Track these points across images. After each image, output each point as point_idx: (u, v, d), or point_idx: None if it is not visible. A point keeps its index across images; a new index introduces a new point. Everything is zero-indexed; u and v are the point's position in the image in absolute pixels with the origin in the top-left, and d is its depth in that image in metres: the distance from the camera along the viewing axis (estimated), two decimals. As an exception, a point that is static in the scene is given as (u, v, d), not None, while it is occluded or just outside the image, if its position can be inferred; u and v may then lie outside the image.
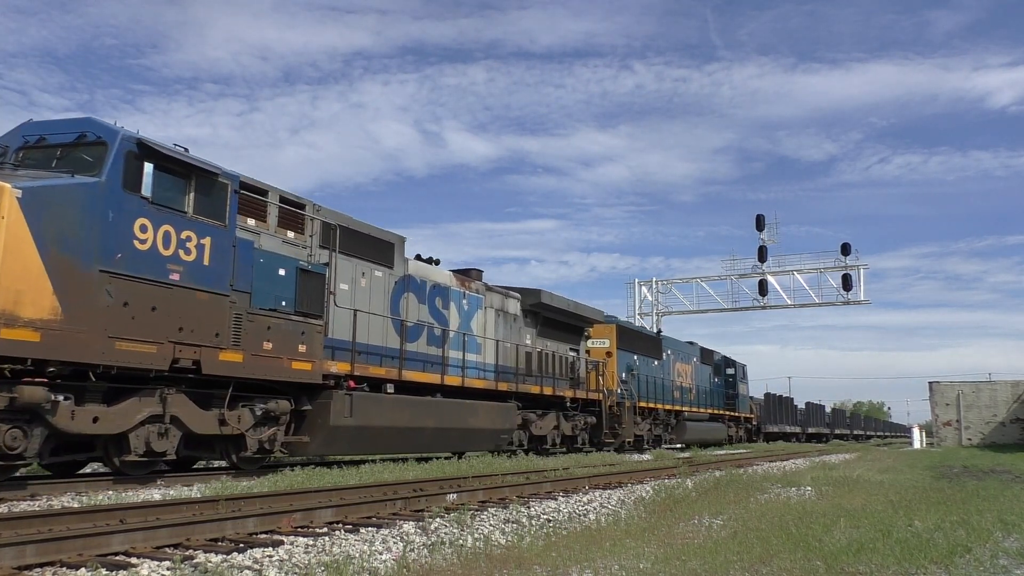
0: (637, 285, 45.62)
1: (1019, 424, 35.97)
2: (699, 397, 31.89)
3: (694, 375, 31.88)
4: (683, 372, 30.47)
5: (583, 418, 21.06)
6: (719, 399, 35.20)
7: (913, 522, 7.37)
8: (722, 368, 36.50)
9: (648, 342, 27.56)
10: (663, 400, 27.22)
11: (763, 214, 41.70)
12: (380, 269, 14.10)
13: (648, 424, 25.57)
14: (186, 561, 5.02)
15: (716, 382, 35.15)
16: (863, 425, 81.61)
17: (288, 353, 11.20)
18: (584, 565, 5.34)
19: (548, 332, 20.28)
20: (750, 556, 5.62)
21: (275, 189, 11.84)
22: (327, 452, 13.44)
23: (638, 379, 25.00)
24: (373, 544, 5.93)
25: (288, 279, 11.38)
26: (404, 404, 13.87)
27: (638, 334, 27.19)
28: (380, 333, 13.99)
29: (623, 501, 9.51)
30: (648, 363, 26.60)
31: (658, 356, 27.75)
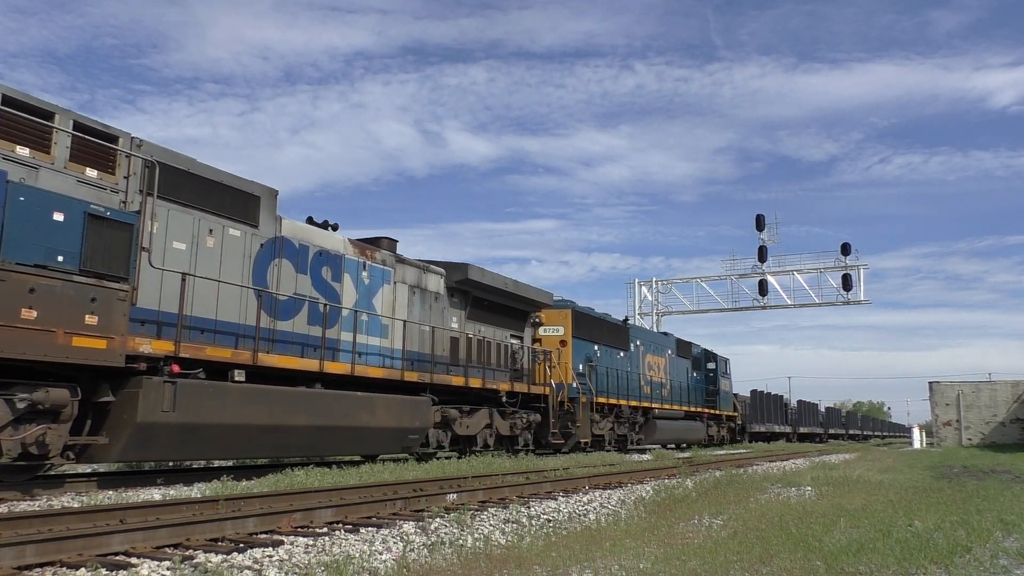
0: (637, 285, 45.63)
1: (1019, 424, 35.97)
2: (674, 393, 28.99)
3: (669, 369, 29.03)
4: (655, 365, 27.68)
5: (525, 416, 18.28)
6: (698, 395, 32.32)
7: (913, 522, 7.37)
8: (702, 362, 33.73)
9: (612, 331, 24.67)
10: (629, 396, 24.37)
11: (763, 214, 41.77)
12: (238, 227, 11.46)
13: (610, 423, 22.97)
14: (186, 561, 5.02)
15: (695, 377, 32.32)
16: (860, 424, 79.46)
17: (67, 325, 8.45)
18: (584, 565, 5.34)
19: (482, 315, 17.54)
20: (750, 556, 5.61)
21: (68, 112, 9.38)
22: (141, 457, 10.73)
23: (599, 372, 22.23)
24: (373, 544, 5.93)
25: (69, 227, 8.58)
26: (260, 396, 10.99)
27: (599, 322, 23.94)
28: (236, 307, 11.29)
29: (623, 501, 9.51)
30: (612, 354, 23.91)
31: (624, 347, 25.02)
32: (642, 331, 28.44)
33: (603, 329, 23.94)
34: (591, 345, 22.53)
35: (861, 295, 40.81)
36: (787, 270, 42.13)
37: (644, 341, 27.32)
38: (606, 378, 22.86)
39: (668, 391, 28.51)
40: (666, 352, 29.27)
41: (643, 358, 26.64)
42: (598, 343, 22.96)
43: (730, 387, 36.56)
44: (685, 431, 29.10)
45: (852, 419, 76.05)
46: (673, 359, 29.89)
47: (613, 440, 23.13)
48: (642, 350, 26.66)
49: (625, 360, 24.98)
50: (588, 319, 23.04)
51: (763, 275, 42.00)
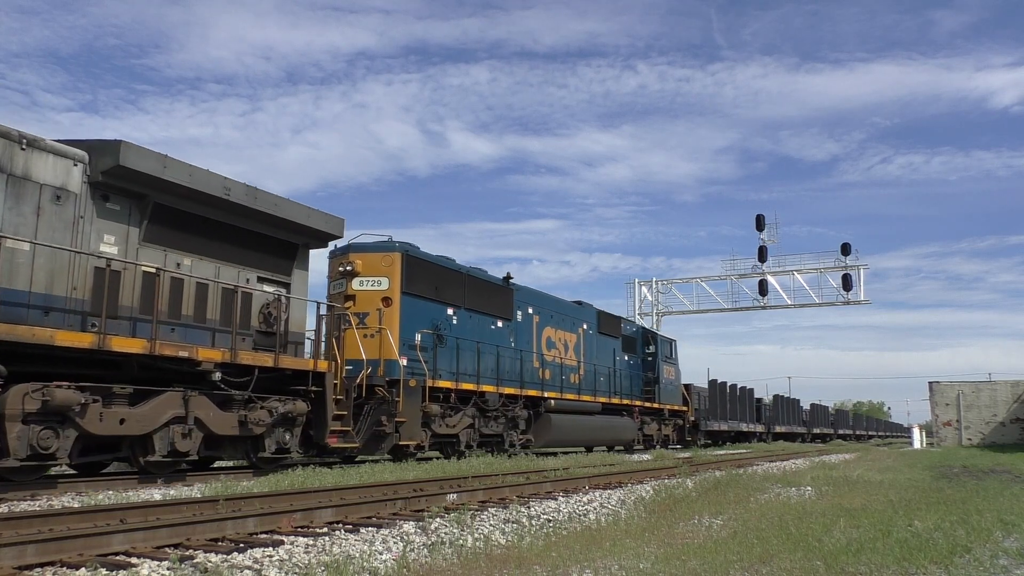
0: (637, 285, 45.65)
1: (1019, 424, 35.98)
2: (588, 380, 22.62)
3: (584, 349, 22.73)
4: (560, 342, 21.41)
5: (278, 406, 11.78)
6: (631, 385, 25.82)
7: (913, 522, 7.37)
8: (637, 343, 27.28)
9: (481, 291, 18.16)
10: (509, 381, 18.40)
11: (763, 214, 41.79)
12: None
13: (471, 417, 16.91)
14: (186, 561, 5.02)
15: (626, 362, 25.85)
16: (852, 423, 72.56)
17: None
18: (584, 565, 5.34)
19: (181, 239, 11.08)
20: (750, 556, 5.62)
21: None
22: None
23: (449, 345, 16.48)
24: (373, 544, 5.93)
25: None
26: None
27: (454, 275, 17.37)
28: None
29: (623, 501, 9.51)
30: (481, 323, 17.94)
31: (504, 314, 18.86)
32: (538, 296, 20.95)
33: (461, 287, 17.44)
34: (440, 308, 16.51)
35: (861, 295, 40.82)
36: (787, 270, 42.16)
37: (541, 309, 20.71)
38: (464, 355, 16.97)
39: (580, 377, 22.13)
40: (579, 327, 22.75)
41: (538, 332, 20.34)
42: (453, 305, 16.94)
43: (677, 375, 29.69)
44: (602, 429, 22.68)
45: (842, 417, 68.71)
46: (592, 337, 23.45)
47: (474, 440, 17.09)
48: (537, 321, 20.31)
49: (505, 332, 18.73)
50: (433, 270, 16.57)
51: (763, 275, 42.02)
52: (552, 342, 21.16)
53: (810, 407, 54.75)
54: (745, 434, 38.86)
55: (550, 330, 21.12)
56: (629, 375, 25.91)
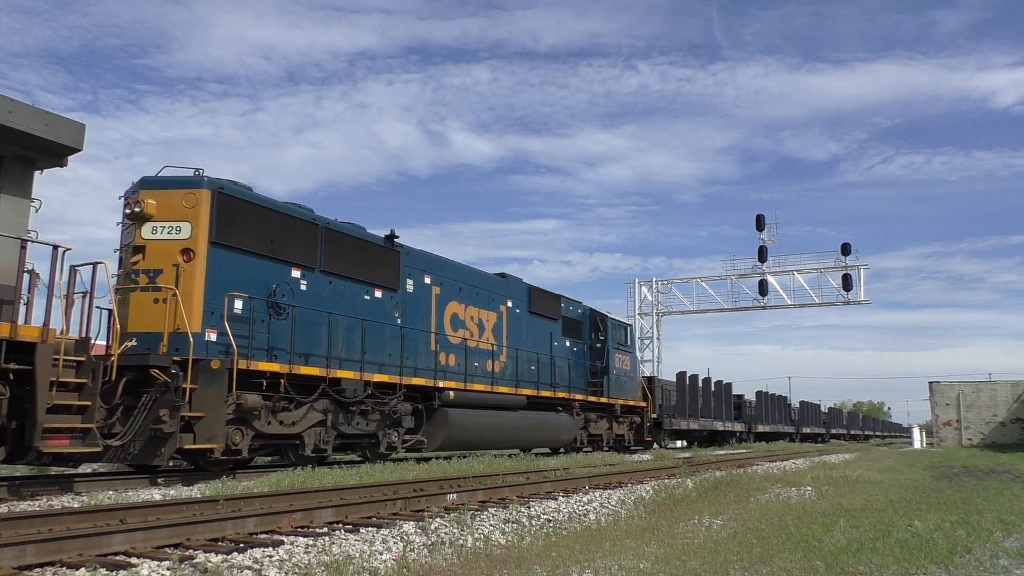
0: (637, 285, 45.66)
1: (1019, 424, 35.98)
2: (511, 368, 18.65)
3: (507, 331, 18.77)
4: (472, 322, 17.51)
5: None
6: (573, 376, 21.56)
7: (913, 522, 7.37)
8: (583, 328, 22.93)
9: (346, 250, 14.06)
10: (388, 366, 14.45)
11: (763, 214, 41.81)
12: None
13: (321, 413, 12.99)
14: (186, 561, 5.02)
15: (568, 348, 21.71)
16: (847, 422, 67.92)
17: None
18: (584, 565, 5.34)
19: None
20: (750, 556, 5.61)
21: None
22: None
23: (300, 319, 12.63)
24: (373, 544, 5.93)
25: None
26: None
27: (301, 226, 13.14)
28: None
29: (623, 501, 9.51)
30: (349, 292, 13.93)
31: (386, 283, 14.91)
32: (441, 263, 16.93)
33: (315, 243, 13.31)
34: (279, 267, 12.60)
35: (861, 295, 40.82)
36: (787, 270, 42.17)
37: (444, 280, 16.75)
38: (315, 330, 13.01)
39: (501, 365, 18.27)
40: (501, 304, 18.77)
41: (439, 307, 16.39)
42: (302, 266, 12.94)
43: (633, 366, 25.64)
44: (528, 428, 18.60)
45: (836, 416, 63.85)
46: (519, 317, 19.46)
47: (330, 442, 13.22)
48: (437, 294, 16.35)
49: (388, 305, 14.85)
50: (267, 218, 12.52)
51: (763, 275, 42.03)
52: (460, 321, 17.02)
53: (799, 405, 50.72)
54: (721, 434, 34.57)
55: (457, 306, 16.98)
56: (570, 364, 21.53)
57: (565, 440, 20.74)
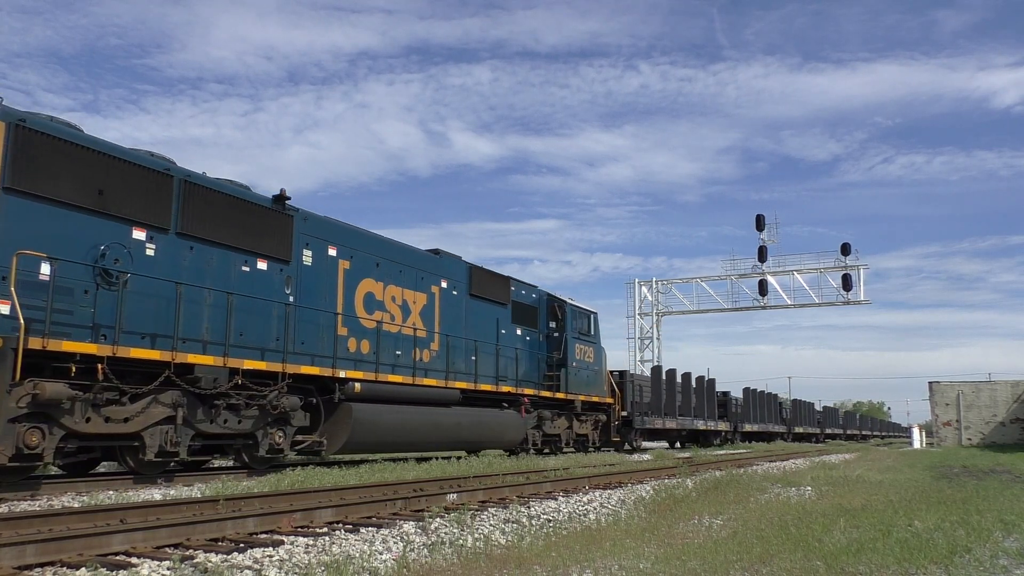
0: (637, 285, 45.69)
1: (1019, 424, 36.00)
2: (444, 358, 16.26)
3: (440, 315, 16.38)
4: (393, 303, 15.09)
5: None
6: (524, 368, 19.32)
7: (913, 522, 7.37)
8: (538, 314, 20.43)
9: (215, 209, 11.60)
10: (269, 353, 12.10)
11: (763, 214, 41.90)
12: None
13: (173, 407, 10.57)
14: (186, 561, 5.02)
15: (519, 337, 19.36)
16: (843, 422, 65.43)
17: None
18: (584, 565, 5.34)
19: None
20: (750, 556, 5.62)
21: None
22: None
23: (143, 290, 10.39)
24: (373, 544, 5.94)
25: None
26: None
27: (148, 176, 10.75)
28: None
29: (623, 501, 9.52)
30: (218, 260, 11.56)
31: (273, 252, 12.47)
32: (351, 233, 14.41)
33: (169, 198, 10.89)
34: (114, 226, 10.24)
35: (861, 295, 40.89)
36: (787, 270, 42.24)
37: (355, 252, 14.28)
38: (164, 304, 10.56)
39: (430, 354, 15.90)
40: (433, 285, 16.39)
41: (348, 284, 14.01)
42: (148, 225, 10.58)
43: (598, 359, 22.91)
44: (461, 427, 16.14)
45: (831, 415, 60.97)
46: (457, 300, 17.13)
47: (184, 443, 10.70)
48: (346, 269, 14.01)
49: (274, 279, 12.46)
50: (94, 163, 10.14)
51: (763, 275, 42.09)
52: (377, 301, 14.65)
53: (792, 403, 48.56)
54: (704, 433, 32.38)
55: (373, 284, 14.60)
56: (520, 355, 19.13)
57: (511, 440, 18.25)
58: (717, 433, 33.88)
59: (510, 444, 18.49)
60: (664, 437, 30.35)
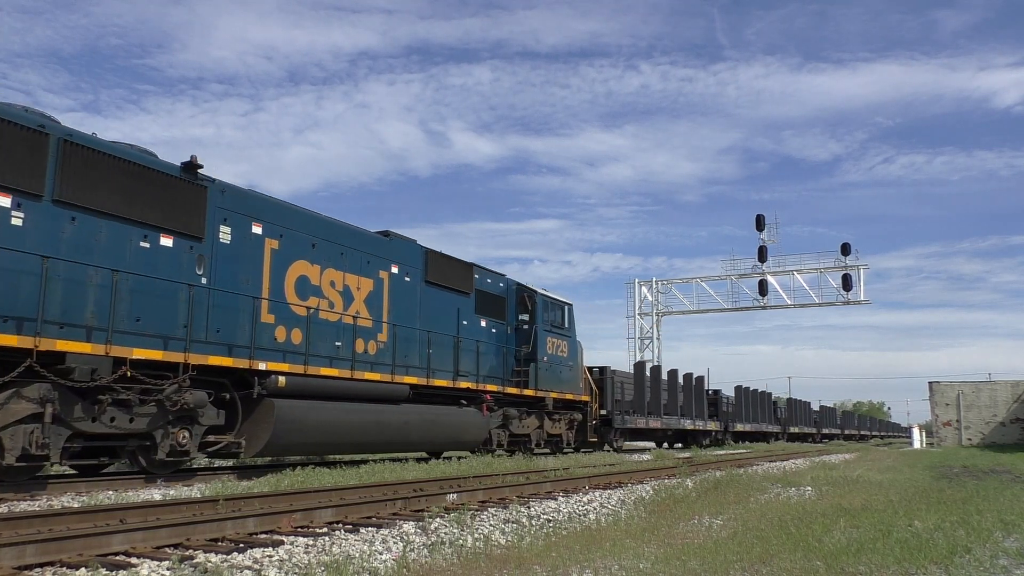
0: (637, 285, 45.69)
1: (1019, 424, 36.00)
2: (392, 350, 14.59)
3: (389, 303, 14.74)
4: (333, 289, 13.62)
5: None
6: (489, 362, 17.69)
7: (913, 522, 7.37)
8: (506, 305, 18.80)
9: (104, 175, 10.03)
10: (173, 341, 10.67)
11: (763, 214, 41.89)
12: None
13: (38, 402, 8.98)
14: (186, 561, 5.02)
15: (484, 329, 17.71)
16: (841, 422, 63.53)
17: None
18: (584, 565, 5.34)
19: None
20: (750, 556, 5.62)
21: None
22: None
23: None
24: (373, 544, 5.94)
25: None
26: None
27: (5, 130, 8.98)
28: None
29: (623, 501, 9.52)
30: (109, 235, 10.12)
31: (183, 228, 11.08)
32: (281, 209, 12.93)
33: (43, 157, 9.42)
34: None
35: (861, 295, 40.89)
36: (787, 270, 42.24)
37: (287, 231, 12.76)
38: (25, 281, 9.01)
39: (377, 346, 14.29)
40: (382, 270, 14.72)
41: (276, 266, 12.48)
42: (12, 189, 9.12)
43: (573, 353, 21.05)
44: (408, 426, 14.37)
45: (828, 415, 59.22)
46: (410, 288, 15.46)
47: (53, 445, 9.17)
48: (275, 249, 12.45)
49: (183, 257, 11.03)
50: None
51: (763, 275, 42.09)
52: (313, 287, 13.04)
53: (787, 402, 47.24)
54: (692, 433, 30.97)
55: (308, 267, 13.01)
56: (484, 348, 17.44)
57: (471, 440, 16.64)
58: (707, 433, 32.37)
59: (470, 445, 16.91)
60: (649, 437, 28.78)
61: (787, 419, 44.73)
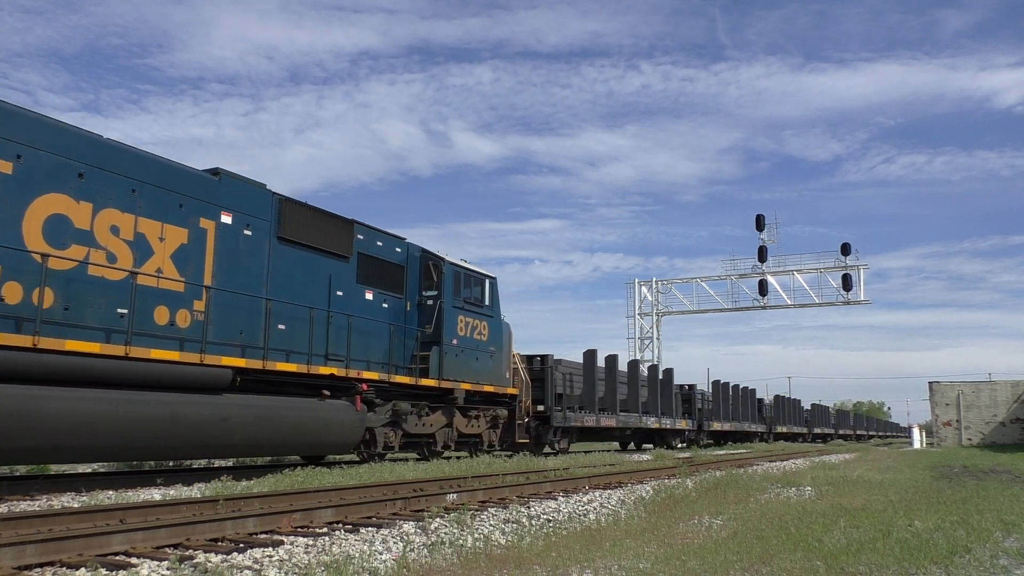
0: (637, 285, 45.71)
1: (1019, 424, 36.01)
2: (215, 322, 11.40)
3: (214, 261, 11.61)
4: (112, 235, 10.21)
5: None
6: (373, 344, 14.39)
7: (913, 522, 7.37)
8: (404, 275, 15.53)
9: None
10: None
11: (763, 214, 41.93)
12: None
13: None
14: (185, 561, 5.02)
15: (372, 303, 14.51)
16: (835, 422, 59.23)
17: None
18: (584, 565, 5.34)
19: None
20: (750, 556, 5.62)
21: None
22: None
23: None
24: (373, 544, 5.94)
25: None
26: None
27: None
28: None
29: (623, 501, 9.52)
30: None
31: None
32: (19, 119, 9.37)
33: None
34: None
35: (861, 295, 40.91)
36: (787, 270, 42.28)
37: (33, 147, 9.41)
38: None
39: (193, 316, 11.10)
40: (204, 218, 11.55)
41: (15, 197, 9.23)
42: None
43: (495, 337, 17.60)
44: (226, 423, 11.01)
45: (821, 413, 55.29)
46: (252, 243, 12.28)
47: None
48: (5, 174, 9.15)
49: None
50: None
51: (763, 275, 42.11)
52: (78, 231, 9.83)
53: (774, 400, 43.83)
54: (658, 433, 27.85)
55: (71, 204, 9.78)
56: (366, 327, 14.08)
57: (337, 442, 13.11)
58: (678, 432, 29.31)
59: (337, 446, 13.47)
60: (605, 437, 25.62)
61: (775, 418, 42.17)
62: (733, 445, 33.68)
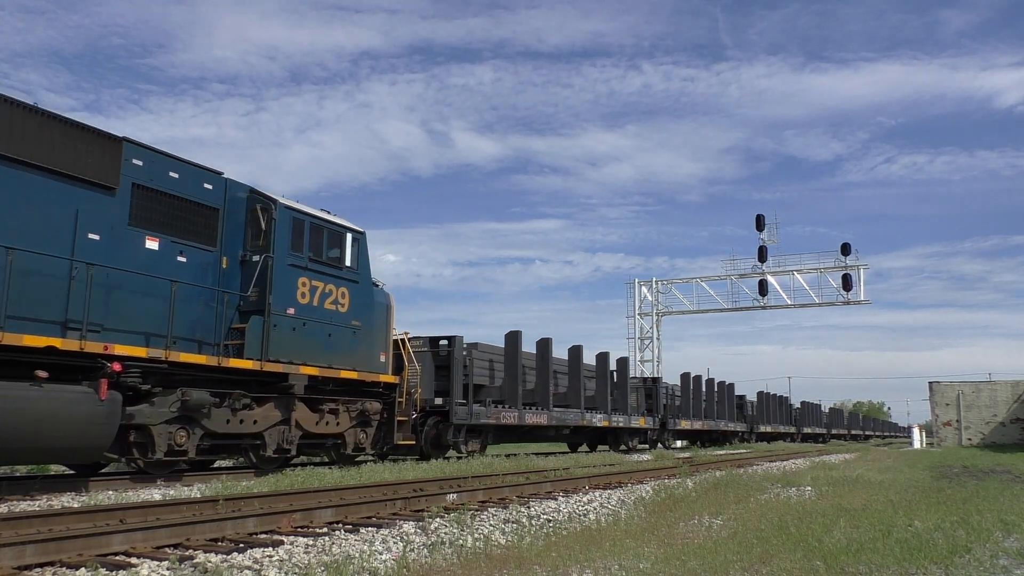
0: (637, 285, 45.70)
1: (1019, 424, 36.01)
2: None
3: None
4: None
5: None
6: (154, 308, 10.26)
7: (913, 522, 7.37)
8: (220, 220, 11.61)
9: None
10: None
11: (763, 214, 41.93)
12: None
13: None
14: (185, 561, 5.02)
15: (156, 254, 10.57)
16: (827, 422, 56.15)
17: None
18: (584, 565, 5.34)
19: None
20: (750, 556, 5.62)
21: None
22: None
23: None
24: (373, 544, 5.94)
25: None
26: None
27: None
28: None
29: (623, 501, 9.52)
30: None
31: None
32: None
33: None
34: None
35: (861, 295, 40.90)
36: (787, 270, 42.28)
37: None
38: None
39: None
40: None
41: None
42: None
43: (360, 308, 13.57)
44: None
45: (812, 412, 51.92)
46: None
47: None
48: None
49: None
50: None
51: (763, 275, 42.11)
52: None
53: (756, 398, 41.10)
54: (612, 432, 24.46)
55: None
56: (137, 285, 10.20)
57: (64, 447, 8.92)
58: (638, 431, 25.80)
59: (67, 454, 9.49)
60: (535, 437, 21.21)
61: (756, 417, 39.66)
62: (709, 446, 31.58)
